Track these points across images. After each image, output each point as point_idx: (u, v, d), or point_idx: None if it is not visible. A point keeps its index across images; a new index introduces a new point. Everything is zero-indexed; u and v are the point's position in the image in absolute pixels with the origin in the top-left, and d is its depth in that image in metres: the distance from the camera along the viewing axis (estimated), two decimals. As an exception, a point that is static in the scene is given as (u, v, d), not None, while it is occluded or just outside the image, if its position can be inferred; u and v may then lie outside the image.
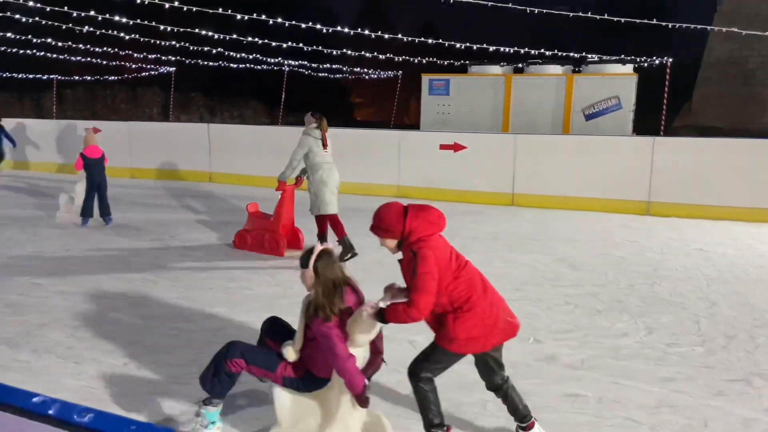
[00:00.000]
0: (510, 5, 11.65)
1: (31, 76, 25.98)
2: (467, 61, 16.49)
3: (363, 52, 20.06)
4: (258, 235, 7.38)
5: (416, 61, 20.02)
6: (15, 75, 25.52)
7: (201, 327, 4.84)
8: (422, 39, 15.78)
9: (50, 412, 0.99)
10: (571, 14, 11.79)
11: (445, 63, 20.20)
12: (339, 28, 14.84)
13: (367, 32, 14.74)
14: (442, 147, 11.22)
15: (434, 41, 15.78)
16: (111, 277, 6.16)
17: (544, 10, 11.83)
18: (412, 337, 4.64)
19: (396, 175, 11.65)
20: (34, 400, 1.02)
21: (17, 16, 18.80)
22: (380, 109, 43.99)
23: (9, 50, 22.11)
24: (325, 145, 6.94)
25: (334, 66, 26.63)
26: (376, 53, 20.17)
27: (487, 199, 10.83)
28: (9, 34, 20.06)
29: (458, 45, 15.35)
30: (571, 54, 15.84)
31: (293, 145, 6.99)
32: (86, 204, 8.73)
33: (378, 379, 3.67)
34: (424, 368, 3.07)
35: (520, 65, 15.47)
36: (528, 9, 11.96)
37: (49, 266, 6.55)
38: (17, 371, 4.00)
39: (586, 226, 9.03)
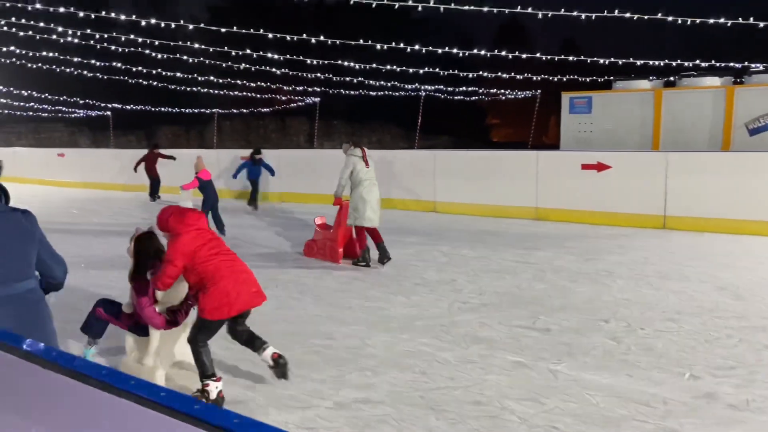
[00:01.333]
0: (659, 16, 10.96)
1: (196, 111, 28.94)
2: (611, 77, 15.72)
3: (500, 73, 19.92)
4: (321, 243, 8.34)
5: (555, 79, 19.49)
6: (183, 110, 28.58)
7: (342, 345, 5.01)
8: (562, 57, 15.34)
9: (209, 418, 1.09)
10: (730, 22, 10.82)
11: (587, 80, 19.43)
12: (475, 51, 14.90)
13: (504, 53, 14.63)
14: (585, 167, 10.76)
15: (575, 58, 15.27)
16: (261, 295, 6.60)
17: (698, 20, 10.99)
18: (553, 366, 4.46)
19: (533, 196, 11.34)
20: (196, 407, 1.12)
21: (185, 57, 21.08)
22: (517, 130, 43.22)
23: (178, 88, 24.86)
24: (366, 164, 7.82)
25: (470, 88, 26.71)
26: (513, 73, 19.94)
27: (636, 222, 10.17)
28: (178, 74, 22.56)
29: (601, 61, 14.72)
30: (731, 64, 14.51)
31: (429, 167, 7.14)
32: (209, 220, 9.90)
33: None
34: (197, 337, 3.96)
35: (671, 78, 14.45)
36: (680, 19, 11.18)
37: (208, 283, 7.18)
38: (183, 379, 4.40)
39: (750, 252, 8.14)
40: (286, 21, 36.39)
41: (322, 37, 16.77)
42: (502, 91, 28.69)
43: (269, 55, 18.98)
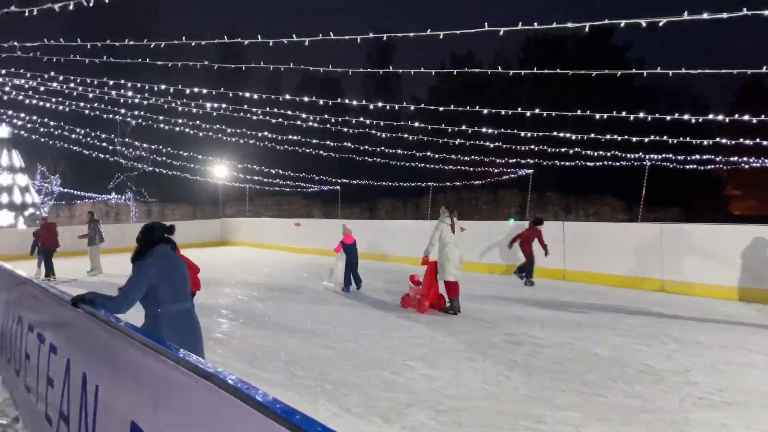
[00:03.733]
0: None
1: (413, 184, 30.60)
2: None
3: (742, 140, 17.80)
4: (414, 296, 9.89)
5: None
6: (401, 184, 30.42)
7: (554, 429, 4.66)
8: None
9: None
10: None
11: None
12: (711, 117, 13.55)
13: (746, 117, 13.08)
14: None
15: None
16: (470, 368, 6.48)
17: None
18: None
19: (790, 279, 9.65)
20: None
21: (406, 135, 22.59)
22: (765, 202, 37.86)
23: (398, 164, 26.61)
24: (452, 230, 9.33)
25: (704, 157, 24.24)
26: (759, 139, 17.66)
27: None
28: (399, 150, 24.20)
29: None
30: None
31: (656, 242, 6.53)
32: (346, 278, 11.83)
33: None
34: None
35: None
36: None
37: (419, 351, 7.28)
38: None
39: None
40: (501, 96, 37.24)
41: (537, 110, 16.75)
42: (745, 158, 25.46)
43: (483, 129, 19.46)
